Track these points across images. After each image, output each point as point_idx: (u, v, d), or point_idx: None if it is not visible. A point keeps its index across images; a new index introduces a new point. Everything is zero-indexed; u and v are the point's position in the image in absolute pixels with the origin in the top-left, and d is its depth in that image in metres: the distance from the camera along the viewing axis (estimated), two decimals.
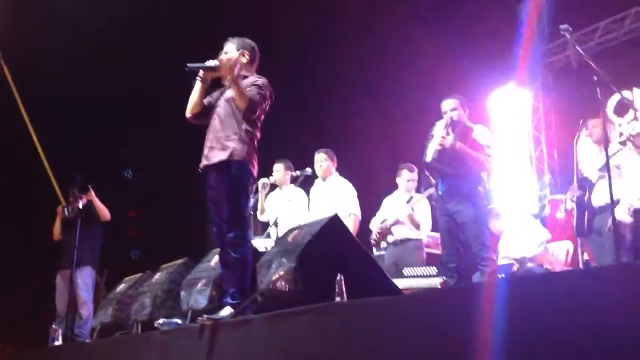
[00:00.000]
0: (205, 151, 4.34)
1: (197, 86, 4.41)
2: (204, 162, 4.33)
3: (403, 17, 8.10)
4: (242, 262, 4.17)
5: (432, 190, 5.64)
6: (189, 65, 4.32)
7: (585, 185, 5.13)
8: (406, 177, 6.47)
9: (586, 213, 5.19)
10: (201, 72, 4.35)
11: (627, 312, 2.17)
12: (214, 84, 4.51)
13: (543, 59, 9.01)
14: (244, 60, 4.43)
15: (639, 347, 2.14)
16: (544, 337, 2.40)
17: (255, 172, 4.37)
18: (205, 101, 4.50)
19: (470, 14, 7.94)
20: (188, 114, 4.47)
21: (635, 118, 7.95)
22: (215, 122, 4.36)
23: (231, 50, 4.44)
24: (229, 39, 4.50)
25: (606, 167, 4.54)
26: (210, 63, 4.34)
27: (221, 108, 4.37)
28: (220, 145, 4.26)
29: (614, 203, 4.49)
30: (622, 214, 4.95)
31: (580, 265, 5.89)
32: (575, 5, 7.66)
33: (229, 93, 4.35)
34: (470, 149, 5.15)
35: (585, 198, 5.22)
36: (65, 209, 7.06)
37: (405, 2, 8.14)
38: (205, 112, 4.47)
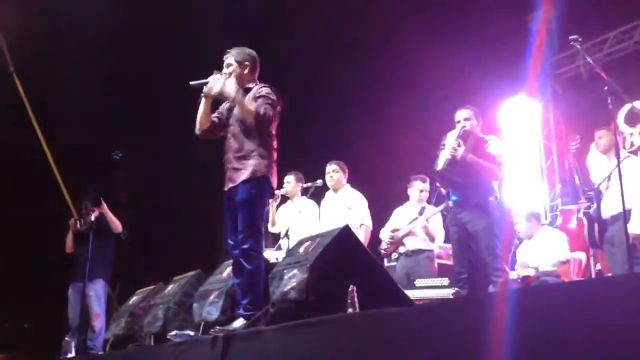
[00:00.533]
0: (228, 173, 4.38)
1: (202, 102, 4.46)
2: (229, 185, 4.36)
3: (414, 28, 8.12)
4: (255, 274, 4.21)
5: (446, 203, 5.63)
6: (191, 83, 4.36)
7: (593, 196, 5.11)
8: (419, 188, 6.46)
9: (596, 224, 5.17)
10: (205, 89, 4.39)
11: (638, 322, 2.17)
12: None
13: (553, 70, 9.02)
14: (245, 71, 4.46)
15: None
16: (556, 348, 2.39)
17: (275, 183, 4.42)
18: (214, 116, 4.55)
19: (480, 25, 7.96)
20: (198, 131, 4.52)
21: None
22: (231, 141, 4.40)
23: (232, 62, 4.48)
24: (228, 51, 4.53)
25: (616, 175, 4.58)
26: (214, 77, 4.38)
27: (235, 127, 4.41)
28: (241, 165, 4.31)
29: (625, 213, 4.48)
30: (634, 227, 4.91)
31: (593, 276, 5.86)
32: (584, 16, 7.67)
33: (237, 111, 4.39)
34: (482, 160, 5.14)
35: (592, 209, 5.19)
36: (78, 222, 7.10)
37: (415, 14, 8.16)
38: (215, 127, 4.52)
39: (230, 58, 4.49)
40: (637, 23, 8.19)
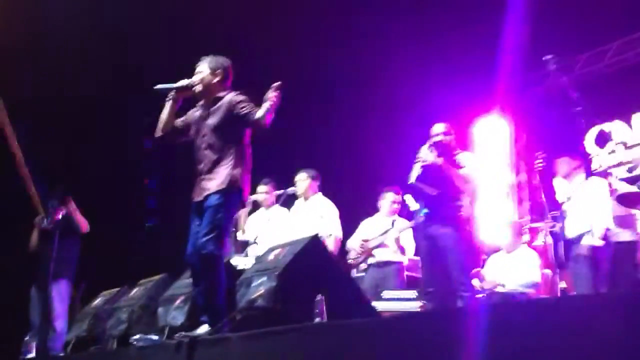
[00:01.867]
0: (201, 183, 4.33)
1: (168, 106, 4.43)
2: (200, 195, 4.30)
3: (387, 44, 8.18)
4: (216, 280, 4.15)
5: (416, 219, 5.66)
6: (157, 87, 4.33)
7: (558, 217, 5.21)
8: (390, 199, 6.50)
9: (562, 244, 5.27)
10: (172, 93, 4.36)
11: (601, 340, 2.20)
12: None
13: (525, 89, 9.13)
14: (216, 80, 4.42)
15: None
16: None
17: (247, 195, 4.41)
18: (179, 121, 4.51)
19: (454, 42, 8.04)
20: (158, 132, 4.47)
21: (613, 150, 8.08)
22: (206, 152, 4.34)
23: (204, 70, 4.44)
24: (202, 58, 4.50)
25: (578, 196, 4.70)
26: (183, 83, 4.37)
27: (209, 137, 4.35)
28: (215, 175, 4.27)
29: (586, 233, 4.62)
30: (595, 240, 5.04)
31: (558, 294, 5.93)
32: (557, 37, 7.79)
33: (212, 121, 4.35)
34: (454, 169, 5.23)
35: (558, 228, 5.30)
36: (43, 220, 6.98)
37: (391, 28, 8.22)
38: (176, 131, 4.49)
39: (203, 65, 4.45)
40: (609, 46, 8.34)
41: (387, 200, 6.50)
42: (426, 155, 5.24)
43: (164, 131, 4.46)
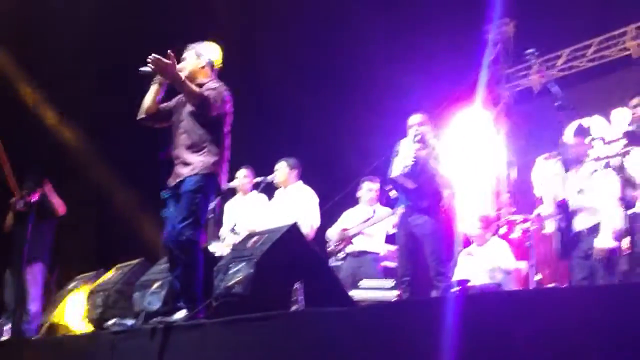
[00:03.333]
0: (176, 168, 4.34)
1: (152, 89, 4.45)
2: (175, 180, 4.31)
3: (370, 34, 8.17)
4: (192, 266, 4.15)
5: (396, 208, 5.66)
6: (142, 69, 4.29)
7: (564, 208, 5.14)
8: (367, 187, 6.50)
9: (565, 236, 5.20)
10: (158, 77, 4.35)
11: (578, 332, 2.22)
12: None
13: (507, 82, 9.18)
14: (201, 65, 4.42)
15: None
16: (494, 354, 2.43)
17: (223, 182, 4.39)
18: (163, 105, 4.51)
19: (436, 35, 8.04)
20: (141, 114, 4.46)
21: (590, 145, 8.14)
22: (182, 136, 4.35)
23: (189, 55, 4.45)
24: (188, 45, 4.49)
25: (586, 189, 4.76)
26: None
27: (187, 122, 4.36)
28: (191, 159, 4.27)
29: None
30: (606, 241, 4.97)
31: (531, 286, 5.98)
32: (540, 32, 7.82)
33: (189, 107, 4.34)
34: (434, 162, 5.25)
35: (558, 221, 5.23)
36: (19, 202, 6.90)
37: (372, 17, 8.20)
38: (160, 115, 4.49)
39: (189, 51, 4.46)
40: (591, 42, 8.40)
41: (364, 189, 6.52)
42: (418, 152, 5.22)
43: (146, 114, 4.46)
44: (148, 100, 4.45)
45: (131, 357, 4.19)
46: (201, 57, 4.43)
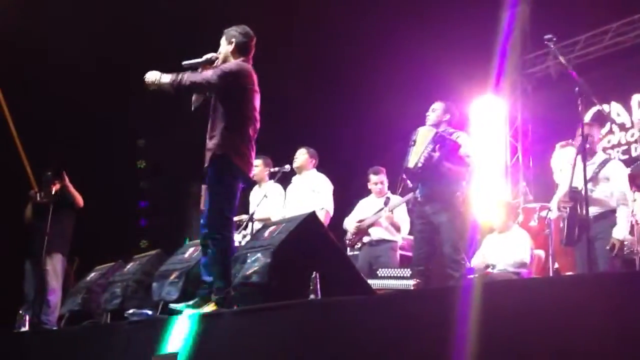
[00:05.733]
0: (205, 148, 4.35)
1: None
2: (205, 162, 4.32)
3: (385, 23, 8.13)
4: (217, 257, 4.12)
5: (411, 195, 5.66)
6: (185, 62, 4.33)
7: (577, 196, 5.13)
8: (373, 181, 6.54)
9: (577, 223, 5.19)
10: (200, 69, 4.35)
11: (594, 319, 2.21)
12: None
13: (523, 69, 9.11)
14: (231, 49, 4.38)
15: (607, 352, 2.18)
16: (511, 342, 2.43)
17: (244, 165, 4.27)
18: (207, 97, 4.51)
19: (452, 22, 7.99)
20: (193, 106, 4.47)
21: (611, 131, 8.07)
22: (211, 117, 4.34)
23: (223, 42, 4.45)
24: (225, 31, 4.48)
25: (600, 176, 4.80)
26: (207, 56, 4.38)
27: (213, 104, 4.35)
28: (210, 146, 4.26)
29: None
30: (623, 232, 5.02)
31: (550, 274, 5.95)
32: (556, 18, 7.74)
33: (212, 97, 4.36)
34: (454, 164, 5.22)
35: (576, 208, 5.20)
36: (38, 194, 6.96)
37: (387, 7, 8.16)
38: (204, 106, 4.48)
39: (223, 38, 4.45)
40: (608, 27, 8.30)
41: (371, 182, 6.56)
42: (426, 145, 5.20)
43: (194, 105, 4.46)
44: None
45: (149, 346, 4.22)
46: (230, 42, 4.40)
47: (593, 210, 5.04)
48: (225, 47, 4.40)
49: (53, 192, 6.66)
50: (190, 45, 4.74)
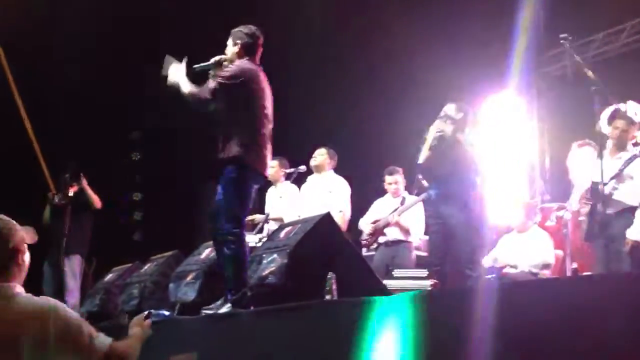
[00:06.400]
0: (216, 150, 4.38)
1: None
2: (218, 166, 4.34)
3: (399, 22, 8.11)
4: (231, 258, 4.13)
5: (426, 195, 5.65)
6: (196, 66, 4.38)
7: (599, 193, 5.04)
8: (388, 181, 6.53)
9: (597, 219, 5.12)
10: (211, 71, 4.38)
11: (614, 318, 2.20)
12: None
13: (539, 68, 9.04)
14: (237, 50, 4.41)
15: (622, 352, 2.17)
16: (529, 342, 2.42)
17: (259, 164, 4.30)
18: None
19: (467, 20, 7.96)
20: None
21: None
22: (221, 119, 4.37)
23: (229, 44, 4.48)
24: (231, 32, 4.50)
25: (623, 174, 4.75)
26: (216, 58, 4.39)
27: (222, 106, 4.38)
28: (221, 147, 4.28)
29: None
30: (635, 233, 4.89)
31: (568, 273, 5.91)
32: (572, 17, 7.69)
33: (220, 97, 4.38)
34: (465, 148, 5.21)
35: (597, 204, 5.14)
36: (56, 196, 7.02)
37: (401, 6, 8.15)
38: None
39: (230, 39, 4.48)
40: (624, 26, 8.23)
41: (386, 183, 6.55)
42: (442, 125, 5.19)
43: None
44: None
45: (166, 347, 4.25)
46: (236, 43, 4.43)
47: (615, 208, 4.98)
48: (231, 48, 4.44)
49: (71, 194, 6.72)
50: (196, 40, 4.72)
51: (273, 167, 6.48)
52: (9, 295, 2.46)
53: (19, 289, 2.53)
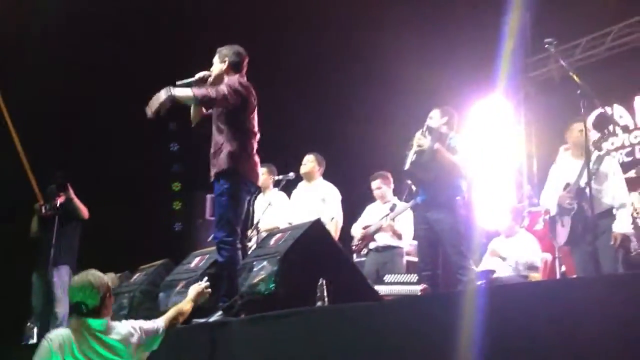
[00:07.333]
0: (211, 164, 4.46)
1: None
2: (211, 180, 4.45)
3: (387, 27, 8.15)
4: (225, 266, 4.26)
5: (413, 201, 5.67)
6: (179, 83, 4.40)
7: (580, 194, 5.08)
8: (373, 187, 6.55)
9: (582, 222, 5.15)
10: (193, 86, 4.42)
11: (604, 321, 2.21)
12: None
13: (526, 72, 9.11)
14: (224, 67, 4.49)
15: (612, 354, 2.18)
16: (520, 345, 2.42)
17: (251, 175, 4.44)
18: (207, 113, 4.60)
19: (454, 25, 8.01)
20: (193, 123, 4.62)
21: (614, 133, 8.04)
22: (214, 134, 4.46)
23: (216, 60, 4.56)
24: (218, 50, 4.57)
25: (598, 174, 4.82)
26: (199, 75, 4.47)
27: (215, 120, 4.48)
28: (214, 161, 4.39)
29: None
30: (620, 226, 4.97)
31: (558, 276, 5.94)
32: (557, 21, 7.76)
33: (215, 110, 4.46)
34: (449, 154, 5.23)
35: (582, 206, 5.16)
36: (43, 207, 6.97)
37: (388, 12, 8.18)
38: (205, 123, 4.58)
39: (216, 57, 4.55)
40: (609, 30, 8.31)
41: (372, 188, 6.56)
42: (421, 140, 5.24)
43: (194, 121, 4.60)
44: (192, 111, 4.59)
45: (156, 356, 4.22)
46: (224, 60, 4.50)
47: (599, 209, 5.02)
48: (218, 65, 4.52)
49: (58, 205, 6.67)
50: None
51: (262, 174, 6.49)
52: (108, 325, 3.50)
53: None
